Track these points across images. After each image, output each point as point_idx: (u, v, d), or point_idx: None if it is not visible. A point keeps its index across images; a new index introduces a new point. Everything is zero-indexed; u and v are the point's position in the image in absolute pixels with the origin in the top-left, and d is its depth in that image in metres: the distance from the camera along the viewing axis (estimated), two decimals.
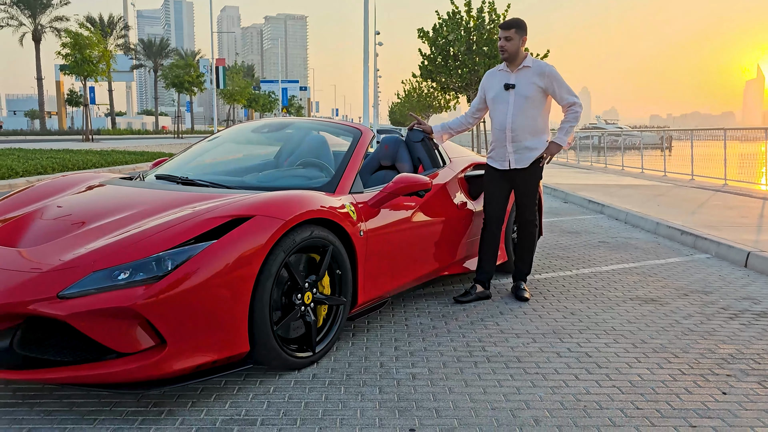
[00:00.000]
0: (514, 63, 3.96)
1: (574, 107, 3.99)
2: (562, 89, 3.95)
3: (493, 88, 4.05)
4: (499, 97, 4.01)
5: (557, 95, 3.97)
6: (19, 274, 2.45)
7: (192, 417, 2.42)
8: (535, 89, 3.92)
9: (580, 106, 4.00)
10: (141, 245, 2.52)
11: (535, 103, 3.94)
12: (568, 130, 4.03)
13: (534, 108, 3.95)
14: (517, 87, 3.93)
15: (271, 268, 2.65)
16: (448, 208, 4.04)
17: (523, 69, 3.95)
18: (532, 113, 3.95)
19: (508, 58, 3.95)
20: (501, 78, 4.02)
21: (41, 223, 2.97)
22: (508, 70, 3.99)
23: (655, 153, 15.98)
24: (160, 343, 2.41)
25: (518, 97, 3.93)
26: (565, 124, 4.05)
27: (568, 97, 3.97)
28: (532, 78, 3.92)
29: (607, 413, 2.50)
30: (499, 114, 4.01)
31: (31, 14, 53.89)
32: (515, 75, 3.96)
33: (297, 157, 4.00)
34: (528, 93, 3.91)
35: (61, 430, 2.31)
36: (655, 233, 6.89)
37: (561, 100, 3.99)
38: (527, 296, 4.12)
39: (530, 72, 3.93)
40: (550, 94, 3.96)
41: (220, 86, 47.71)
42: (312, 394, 2.64)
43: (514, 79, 3.95)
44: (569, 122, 4.02)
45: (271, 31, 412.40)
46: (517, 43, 3.91)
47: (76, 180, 3.68)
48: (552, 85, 3.94)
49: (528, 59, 3.96)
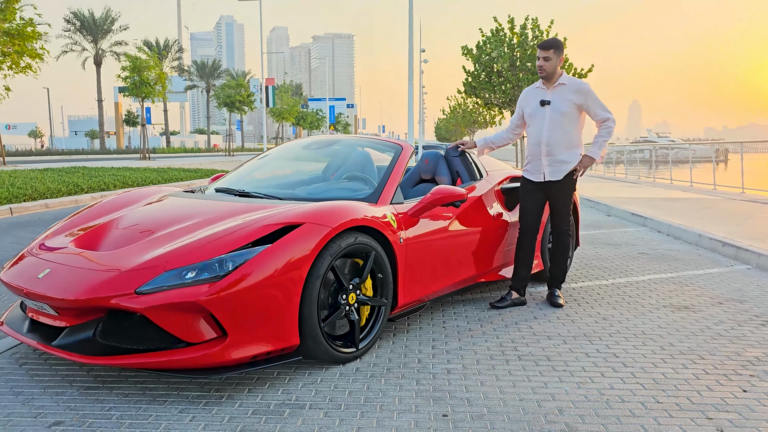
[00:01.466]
0: (551, 81, 4.19)
1: (608, 123, 4.18)
2: (596, 105, 4.16)
3: (530, 104, 4.28)
4: (536, 113, 4.23)
5: (591, 111, 4.17)
6: (102, 273, 2.83)
7: (249, 401, 2.73)
8: (570, 105, 4.13)
9: (613, 121, 4.19)
10: (206, 248, 2.86)
11: (570, 118, 4.15)
12: (602, 144, 4.22)
13: (569, 123, 4.16)
14: (553, 103, 4.15)
15: (318, 270, 2.95)
16: (484, 219, 4.27)
17: (559, 86, 4.17)
18: (567, 128, 4.16)
19: (546, 76, 4.17)
20: (537, 95, 4.25)
21: (118, 230, 3.36)
22: (545, 87, 4.22)
23: (709, 167, 15.70)
24: (222, 335, 2.73)
25: (554, 113, 4.15)
26: (598, 139, 4.24)
27: (601, 113, 4.17)
28: (567, 95, 4.14)
29: (629, 406, 2.68)
30: (536, 129, 4.24)
31: (93, 39, 56.71)
32: (551, 92, 4.18)
33: (343, 171, 4.32)
34: (564, 109, 4.13)
35: (137, 409, 2.64)
36: (697, 245, 6.91)
37: (595, 115, 4.19)
38: (561, 302, 4.30)
39: (566, 89, 4.15)
40: (585, 110, 4.17)
41: (270, 105, 49.02)
42: (355, 384, 2.92)
43: (550, 96, 4.17)
44: (602, 137, 4.21)
45: (319, 50, 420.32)
46: (554, 62, 4.14)
47: (146, 193, 4.10)
48: (587, 102, 4.14)
49: (564, 77, 4.18)
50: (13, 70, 19.77)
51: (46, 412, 2.60)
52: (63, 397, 2.75)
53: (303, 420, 2.54)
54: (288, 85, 78.55)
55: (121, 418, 2.55)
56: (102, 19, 56.69)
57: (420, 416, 2.57)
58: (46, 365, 3.14)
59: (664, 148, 25.55)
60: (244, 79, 56.09)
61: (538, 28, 19.33)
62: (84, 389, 2.84)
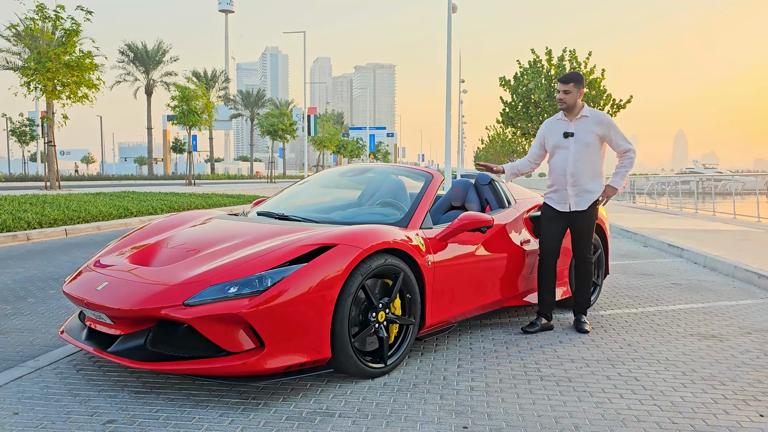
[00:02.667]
0: (572, 113, 4.36)
1: (629, 153, 4.33)
2: (618, 137, 4.31)
3: (553, 136, 4.44)
4: (560, 144, 4.39)
5: (614, 142, 4.32)
6: (153, 287, 3.11)
7: (283, 408, 2.94)
8: (593, 136, 4.29)
9: (633, 152, 4.33)
10: (247, 266, 3.11)
11: (594, 149, 4.31)
12: (624, 174, 4.35)
13: (593, 154, 4.31)
14: (576, 135, 4.32)
15: (350, 288, 3.17)
16: (510, 245, 4.43)
17: (582, 118, 4.33)
18: (591, 159, 4.31)
19: (566, 108, 4.35)
20: (560, 127, 4.42)
21: (168, 249, 3.66)
22: (566, 119, 4.39)
23: (761, 199, 15.36)
24: (260, 346, 2.96)
25: (579, 144, 4.31)
26: (620, 169, 4.38)
27: (623, 144, 4.32)
28: (590, 126, 4.30)
29: (644, 425, 2.79)
30: (561, 159, 4.40)
31: (144, 70, 59.25)
32: (574, 124, 4.35)
33: (377, 197, 4.55)
34: (588, 140, 4.29)
35: (181, 411, 2.88)
36: (733, 276, 6.87)
37: (617, 146, 4.33)
38: (588, 329, 4.39)
39: (588, 121, 4.32)
40: (607, 141, 4.33)
41: (311, 134, 50.03)
42: (382, 397, 3.10)
43: (573, 128, 4.34)
44: (624, 167, 4.35)
45: (361, 80, 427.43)
46: (575, 95, 4.32)
47: (192, 216, 4.41)
48: (609, 133, 4.30)
49: (585, 109, 4.35)
50: (71, 99, 20.90)
51: (100, 412, 2.86)
52: (116, 399, 3.02)
53: (332, 427, 2.73)
54: (330, 114, 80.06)
55: (168, 419, 2.79)
56: (154, 51, 59.24)
57: (442, 427, 2.74)
58: (101, 371, 3.43)
59: (711, 180, 25.08)
60: (287, 108, 57.53)
61: (575, 60, 19.47)
62: (134, 393, 3.10)
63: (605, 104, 20.19)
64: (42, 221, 10.54)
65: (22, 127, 54.07)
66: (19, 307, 5.12)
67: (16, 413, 2.85)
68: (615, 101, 18.98)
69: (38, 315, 4.85)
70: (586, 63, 19.09)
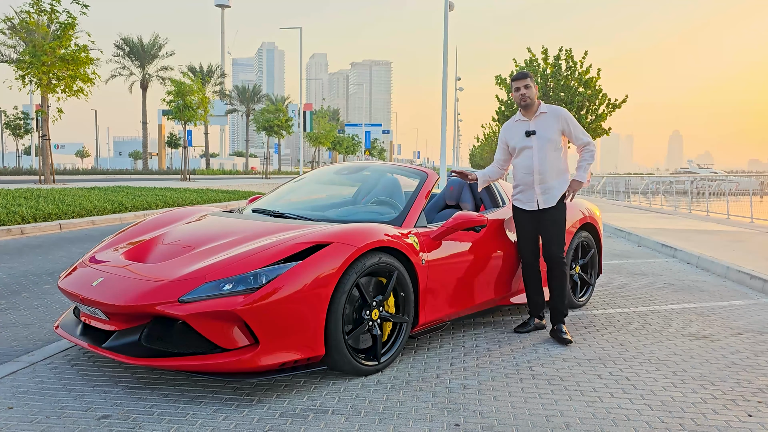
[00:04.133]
0: (531, 110, 4.31)
1: (589, 146, 4.31)
2: (577, 130, 4.29)
3: (515, 137, 4.38)
4: (523, 143, 4.32)
5: (573, 135, 4.28)
6: (149, 283, 3.12)
7: (277, 405, 2.96)
8: (554, 131, 4.25)
9: (593, 145, 4.33)
10: (242, 263, 3.13)
11: (556, 144, 4.26)
12: (586, 167, 4.33)
13: (556, 150, 4.27)
14: (538, 132, 4.26)
15: (344, 286, 3.18)
16: (504, 244, 4.46)
17: (541, 115, 4.29)
18: (554, 154, 4.26)
19: (529, 104, 4.28)
20: (521, 127, 4.35)
21: (163, 245, 3.67)
22: (525, 118, 4.34)
23: (754, 200, 15.42)
24: (254, 343, 2.98)
25: (542, 141, 4.25)
26: (583, 162, 4.36)
27: (582, 137, 4.30)
28: (550, 122, 4.26)
29: (634, 424, 2.82)
30: (525, 159, 4.32)
31: (140, 64, 58.96)
32: (534, 121, 4.30)
33: (372, 196, 4.57)
34: (550, 135, 4.24)
35: (175, 407, 2.90)
36: (725, 277, 6.93)
37: (576, 140, 4.30)
38: (569, 338, 4.15)
39: (548, 117, 4.28)
40: (567, 135, 4.29)
41: (307, 130, 50.00)
42: (375, 394, 3.12)
43: (534, 126, 4.29)
44: (586, 160, 4.33)
45: (357, 77, 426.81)
46: (533, 89, 4.31)
47: (188, 212, 4.42)
48: (569, 127, 4.27)
49: (543, 106, 4.32)
50: (66, 93, 20.81)
51: (95, 407, 2.87)
52: (110, 394, 3.03)
53: (325, 423, 2.75)
54: (325, 110, 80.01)
55: (162, 414, 2.81)
56: (150, 45, 58.95)
57: (434, 425, 2.76)
58: (95, 366, 3.44)
59: (705, 180, 25.18)
60: (282, 104, 57.38)
61: (571, 59, 19.51)
62: (128, 388, 3.11)
63: (600, 104, 20.26)
64: (36, 215, 10.51)
65: (16, 120, 53.84)
66: (13, 301, 5.12)
67: (11, 407, 2.85)
68: (610, 101, 19.05)
69: (33, 310, 4.85)
70: (582, 62, 19.14)
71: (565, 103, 18.83)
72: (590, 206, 5.41)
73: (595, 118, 20.38)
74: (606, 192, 30.42)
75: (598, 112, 20.40)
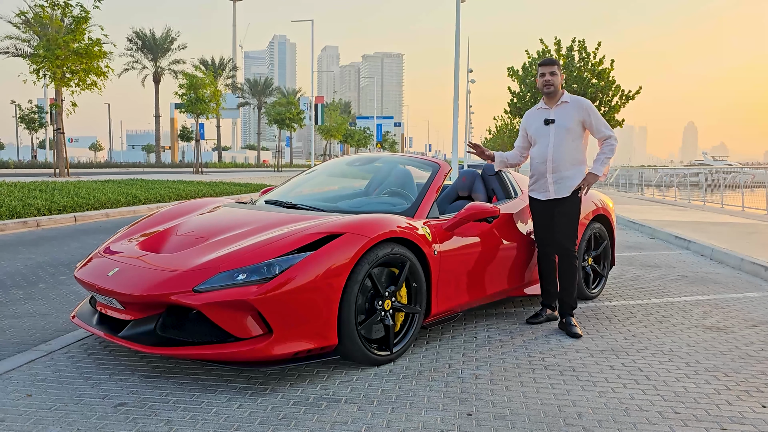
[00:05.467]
0: (554, 99, 4.29)
1: (610, 140, 4.27)
2: (599, 123, 4.24)
3: (534, 124, 4.37)
4: (540, 132, 4.31)
5: (594, 128, 4.24)
6: (163, 273, 3.15)
7: (290, 394, 2.99)
8: (574, 121, 4.21)
9: (615, 139, 4.26)
10: (255, 253, 3.15)
11: (574, 135, 4.23)
12: (604, 161, 4.26)
13: (573, 140, 4.23)
14: (557, 121, 4.23)
15: (357, 276, 3.20)
16: (516, 235, 4.45)
17: (562, 104, 4.26)
18: (572, 145, 4.23)
19: (553, 92, 4.26)
20: (541, 115, 4.34)
21: (177, 236, 3.70)
22: (547, 106, 4.32)
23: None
24: (268, 332, 3.01)
25: (559, 130, 4.23)
26: (601, 156, 4.29)
27: (604, 130, 4.25)
28: (571, 112, 4.23)
29: (646, 414, 2.82)
30: (541, 146, 4.31)
31: (153, 58, 59.27)
32: (554, 110, 4.27)
33: (384, 187, 4.58)
34: (568, 125, 4.21)
35: (191, 395, 2.94)
36: (740, 269, 6.87)
37: (597, 132, 4.26)
38: (579, 332, 4.09)
39: (569, 106, 4.25)
40: (587, 126, 4.25)
41: (319, 123, 49.98)
42: (388, 384, 3.14)
43: (554, 114, 4.26)
44: (605, 154, 4.26)
45: (368, 69, 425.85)
46: (559, 77, 4.28)
47: (202, 203, 4.45)
48: (590, 118, 4.23)
49: (565, 95, 4.29)
50: (80, 87, 20.97)
51: (111, 395, 2.92)
52: (126, 382, 3.08)
53: (338, 412, 2.78)
54: (337, 103, 79.94)
55: (177, 402, 2.85)
56: (162, 39, 59.23)
57: (446, 414, 2.78)
58: (111, 355, 3.49)
59: (719, 172, 24.94)
60: (294, 97, 57.50)
61: (584, 50, 19.34)
62: (144, 377, 3.16)
63: (614, 95, 20.08)
64: (52, 208, 10.63)
65: (31, 114, 54.32)
66: (30, 292, 5.20)
67: (30, 395, 2.91)
68: (624, 92, 18.88)
69: (50, 300, 4.92)
70: (595, 53, 18.97)
71: (578, 94, 18.70)
72: (603, 197, 5.38)
73: (609, 109, 20.22)
74: (619, 184, 30.22)
75: (611, 104, 20.24)
